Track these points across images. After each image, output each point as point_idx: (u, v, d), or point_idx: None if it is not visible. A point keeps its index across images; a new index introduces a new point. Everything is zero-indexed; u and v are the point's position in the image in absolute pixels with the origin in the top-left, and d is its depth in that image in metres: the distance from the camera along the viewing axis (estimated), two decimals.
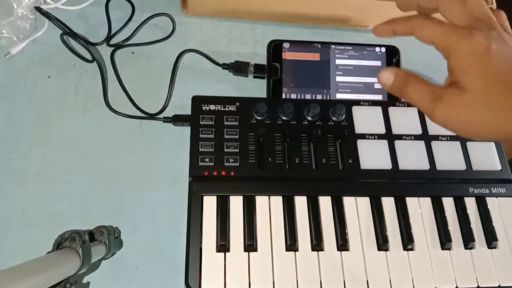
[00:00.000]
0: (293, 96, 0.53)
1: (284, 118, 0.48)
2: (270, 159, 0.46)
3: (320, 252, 0.43)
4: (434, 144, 0.49)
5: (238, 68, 0.54)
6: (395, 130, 0.49)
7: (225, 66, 0.54)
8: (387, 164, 0.47)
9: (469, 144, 0.49)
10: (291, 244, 0.42)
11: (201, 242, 0.42)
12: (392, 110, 0.50)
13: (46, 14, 0.52)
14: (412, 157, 0.48)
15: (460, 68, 0.31)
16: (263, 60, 0.54)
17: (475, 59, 0.30)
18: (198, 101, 0.48)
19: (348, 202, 0.45)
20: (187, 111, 0.48)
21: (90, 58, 0.53)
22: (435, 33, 0.32)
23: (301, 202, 0.45)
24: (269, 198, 0.45)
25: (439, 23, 0.32)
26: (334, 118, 0.49)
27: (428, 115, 0.33)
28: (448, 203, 0.47)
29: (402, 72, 0.34)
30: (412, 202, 0.46)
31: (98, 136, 0.50)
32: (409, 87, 0.33)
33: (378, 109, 0.50)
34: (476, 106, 0.30)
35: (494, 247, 0.45)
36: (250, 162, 0.46)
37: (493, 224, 0.46)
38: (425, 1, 0.35)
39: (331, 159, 0.47)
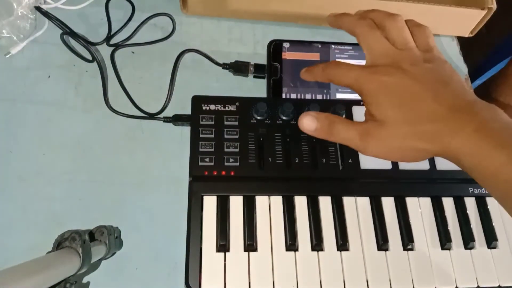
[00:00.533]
0: (293, 96, 0.53)
1: (284, 118, 0.48)
2: (270, 159, 0.46)
3: (320, 252, 0.43)
4: None
5: (238, 68, 0.54)
6: None
7: (225, 66, 0.54)
8: (387, 164, 0.47)
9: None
10: (291, 244, 0.42)
11: (201, 242, 0.42)
12: None
13: (46, 14, 0.52)
14: None
15: (372, 104, 0.35)
16: (263, 60, 0.54)
17: (382, 95, 0.34)
18: (198, 101, 0.48)
19: (348, 202, 0.45)
20: (187, 111, 0.49)
21: (90, 58, 0.53)
22: (346, 80, 0.36)
23: (301, 202, 0.45)
24: (269, 198, 0.45)
25: (347, 70, 0.36)
26: None
27: (361, 151, 0.35)
28: (448, 203, 0.47)
29: (323, 116, 0.37)
30: (412, 202, 0.46)
31: (98, 136, 0.50)
32: (335, 130, 0.36)
33: None
34: (393, 136, 0.34)
35: (494, 247, 0.45)
36: (250, 162, 0.46)
37: (493, 224, 0.46)
38: (346, 29, 0.40)
39: (331, 159, 0.47)
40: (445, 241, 0.44)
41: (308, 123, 0.36)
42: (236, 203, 0.44)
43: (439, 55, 0.36)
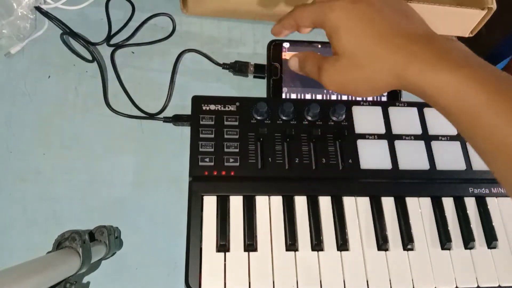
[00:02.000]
0: (293, 96, 0.53)
1: (284, 118, 0.48)
2: (270, 159, 0.46)
3: (320, 252, 0.43)
4: (434, 144, 0.49)
5: (238, 68, 0.54)
6: (395, 130, 0.49)
7: (225, 66, 0.54)
8: (387, 164, 0.47)
9: (469, 144, 0.49)
10: (291, 244, 0.42)
11: (201, 242, 0.42)
12: (392, 110, 0.50)
13: (46, 14, 0.52)
14: (412, 157, 0.48)
15: (333, 35, 0.35)
16: (263, 60, 0.54)
17: (344, 23, 0.34)
18: (198, 101, 0.48)
19: (348, 202, 0.45)
20: (187, 111, 0.49)
21: (90, 58, 0.53)
22: (310, 14, 0.37)
23: (301, 202, 0.45)
24: (269, 198, 0.45)
25: (310, 5, 0.36)
26: (334, 118, 0.49)
27: (320, 82, 0.37)
28: (448, 203, 0.47)
29: (302, 53, 0.39)
30: (412, 202, 0.46)
31: (98, 136, 0.50)
32: (306, 64, 0.38)
33: (378, 109, 0.50)
34: (347, 67, 0.34)
35: (494, 247, 0.45)
36: (250, 162, 0.46)
37: (493, 224, 0.46)
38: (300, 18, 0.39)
39: (331, 159, 0.47)
40: (445, 241, 0.44)
41: (293, 62, 0.40)
42: (236, 203, 0.44)
43: None
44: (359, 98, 0.53)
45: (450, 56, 0.30)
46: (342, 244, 0.43)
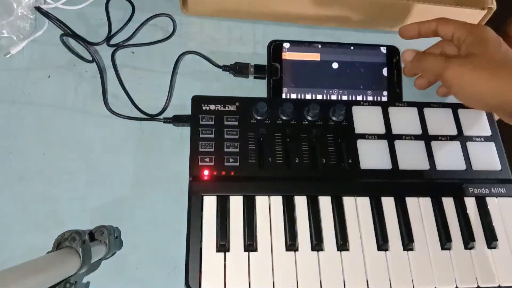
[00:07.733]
0: (293, 96, 0.53)
1: (284, 118, 0.48)
2: (270, 159, 0.46)
3: (320, 252, 0.43)
4: (434, 144, 0.49)
5: (239, 69, 0.53)
6: (395, 130, 0.49)
7: (225, 68, 0.54)
8: (387, 164, 0.47)
9: (469, 144, 0.49)
10: (291, 244, 0.42)
11: (201, 242, 0.42)
12: (392, 110, 0.50)
13: (46, 14, 0.52)
14: (412, 157, 0.48)
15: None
16: (263, 60, 0.54)
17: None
18: (198, 101, 0.48)
19: (348, 202, 0.45)
20: (187, 111, 0.49)
21: (90, 58, 0.53)
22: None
23: (301, 202, 0.45)
24: (269, 198, 0.45)
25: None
26: (334, 118, 0.49)
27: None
28: (448, 203, 0.47)
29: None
30: (412, 202, 0.46)
31: (98, 136, 0.50)
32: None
33: (378, 109, 0.50)
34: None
35: (494, 247, 0.45)
36: (250, 162, 0.46)
37: (493, 224, 0.46)
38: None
39: (331, 159, 0.47)
40: (445, 241, 0.44)
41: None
42: (236, 203, 0.44)
43: None
44: (359, 98, 0.53)
45: None
46: (342, 244, 0.43)
